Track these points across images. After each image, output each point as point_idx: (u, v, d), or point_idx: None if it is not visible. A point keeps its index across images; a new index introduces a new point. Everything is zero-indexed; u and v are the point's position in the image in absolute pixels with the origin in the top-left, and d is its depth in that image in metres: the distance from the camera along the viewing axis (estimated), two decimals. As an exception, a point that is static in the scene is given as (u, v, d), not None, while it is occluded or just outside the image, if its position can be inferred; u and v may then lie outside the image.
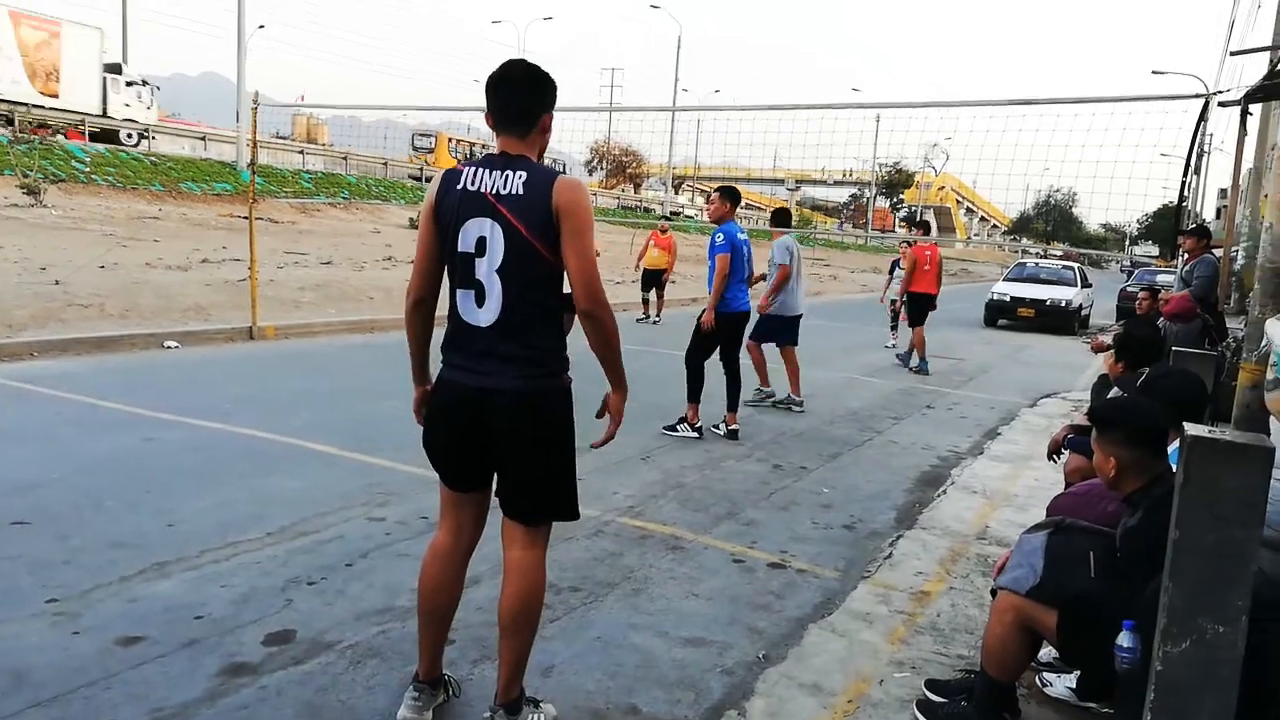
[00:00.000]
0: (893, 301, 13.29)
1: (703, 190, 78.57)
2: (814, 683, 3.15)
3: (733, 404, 6.81)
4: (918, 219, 14.59)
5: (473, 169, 2.55)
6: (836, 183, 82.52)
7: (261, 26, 42.34)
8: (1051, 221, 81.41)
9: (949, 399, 9.33)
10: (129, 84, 30.09)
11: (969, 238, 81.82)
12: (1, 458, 5.03)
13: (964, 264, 59.27)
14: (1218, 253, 8.61)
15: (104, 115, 28.82)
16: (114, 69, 29.76)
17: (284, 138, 45.03)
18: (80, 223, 18.52)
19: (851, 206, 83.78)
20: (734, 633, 3.50)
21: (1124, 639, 2.34)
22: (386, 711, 2.77)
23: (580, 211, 2.49)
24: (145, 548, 3.90)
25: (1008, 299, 18.99)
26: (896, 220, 68.38)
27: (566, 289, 2.55)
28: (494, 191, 2.49)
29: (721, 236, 6.63)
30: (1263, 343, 4.19)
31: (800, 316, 8.16)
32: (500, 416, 2.54)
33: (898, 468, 6.25)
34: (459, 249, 2.53)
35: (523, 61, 2.64)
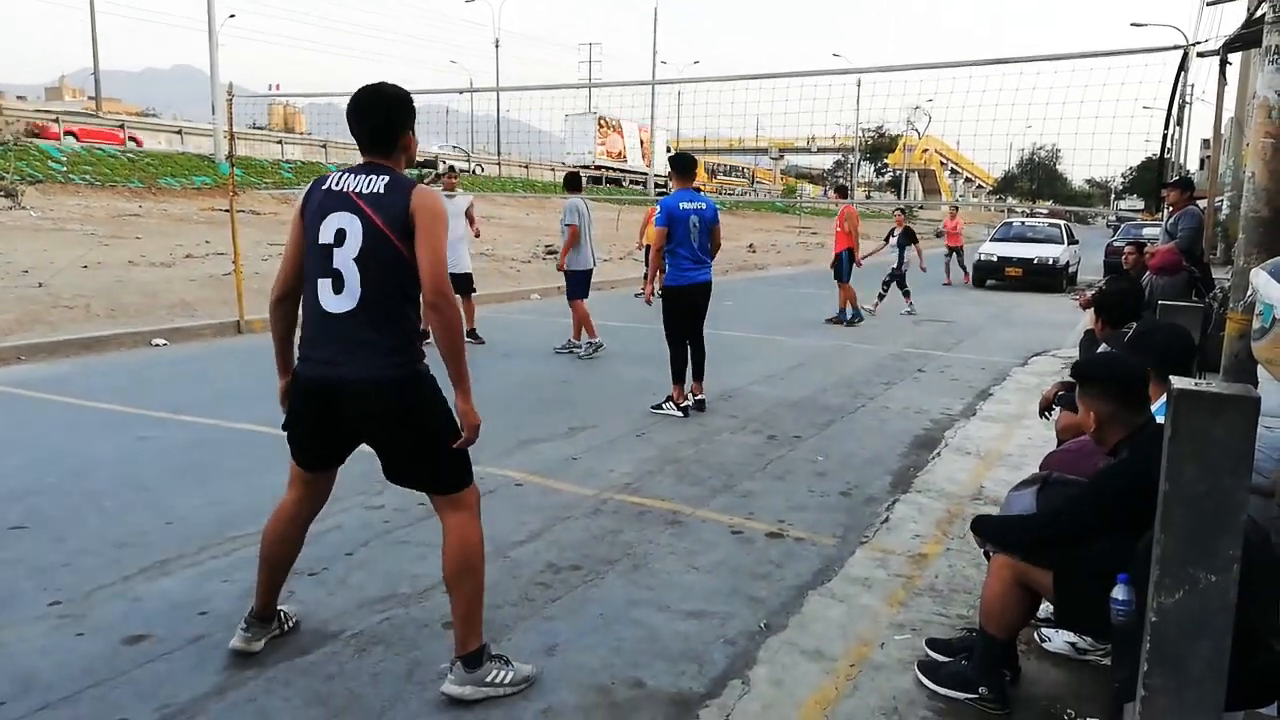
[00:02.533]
0: (893, 269, 13.60)
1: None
2: (816, 649, 3.18)
3: (698, 373, 6.83)
4: (839, 185, 16.54)
5: (339, 174, 2.76)
6: (821, 150, 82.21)
7: (232, 16, 41.66)
8: (1036, 180, 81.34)
9: (940, 362, 9.37)
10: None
11: (955, 199, 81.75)
12: (-5, 463, 5.01)
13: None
14: (1202, 204, 8.63)
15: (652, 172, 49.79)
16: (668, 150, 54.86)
17: (260, 128, 44.64)
18: (60, 223, 18.34)
19: (837, 173, 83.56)
20: (735, 603, 3.53)
21: (1118, 592, 2.37)
22: (394, 698, 2.80)
23: (435, 214, 2.67)
24: (145, 546, 3.91)
25: (995, 259, 18.99)
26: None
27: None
28: (356, 191, 2.69)
29: (658, 209, 6.65)
30: (1248, 292, 4.21)
31: (591, 270, 9.13)
32: (358, 406, 2.71)
33: (891, 432, 6.28)
34: (319, 240, 2.70)
35: (376, 87, 2.80)
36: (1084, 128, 7.98)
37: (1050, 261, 18.68)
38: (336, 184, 2.73)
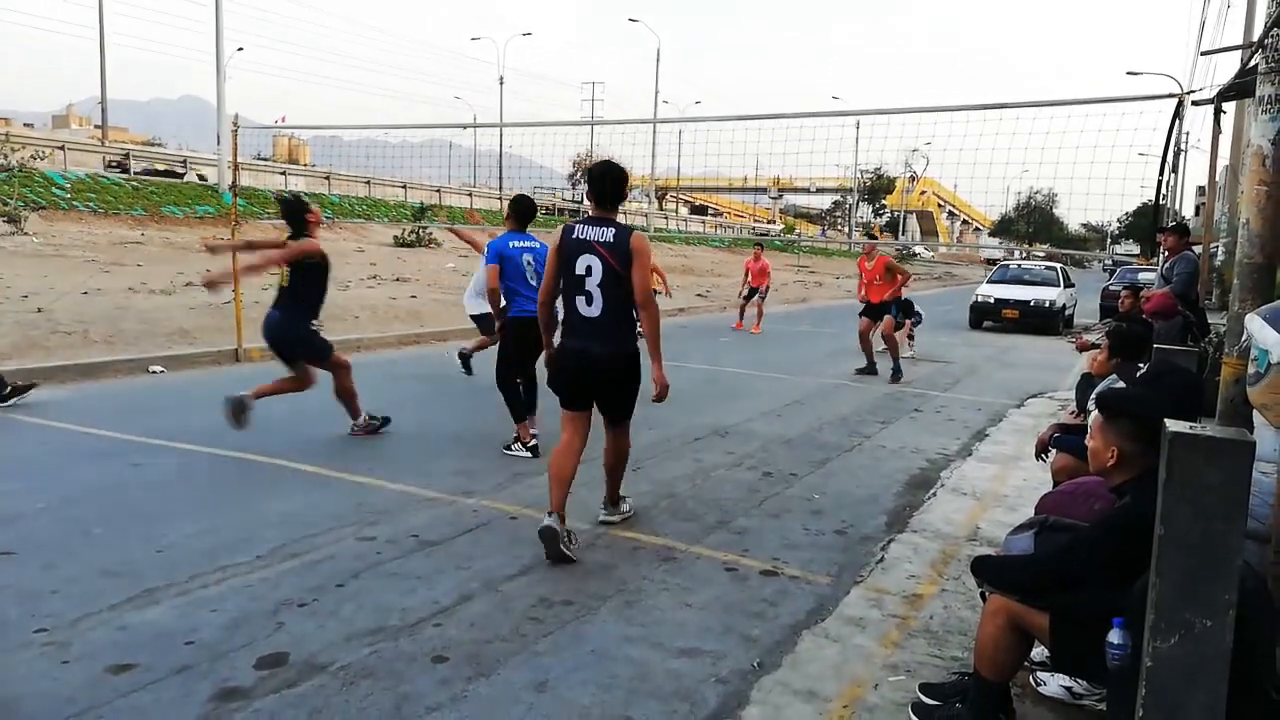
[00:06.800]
0: None
1: (685, 200, 78.78)
2: (809, 689, 3.15)
3: (530, 408, 6.35)
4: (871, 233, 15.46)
5: (581, 225, 4.36)
6: (819, 190, 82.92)
7: (240, 49, 42.28)
8: (1033, 223, 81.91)
9: (936, 402, 9.37)
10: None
11: (951, 241, 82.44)
12: (-13, 488, 4.98)
13: (947, 267, 59.58)
14: (1197, 249, 8.70)
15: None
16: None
17: (265, 159, 45.08)
18: (62, 249, 18.41)
19: (836, 213, 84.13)
20: (728, 642, 3.50)
21: (1114, 635, 2.36)
22: (381, 732, 2.76)
23: (644, 252, 4.31)
24: (134, 575, 3.87)
25: (992, 301, 19.09)
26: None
27: None
28: (596, 240, 4.29)
29: (489, 252, 6.28)
30: (1243, 337, 4.23)
31: None
32: (604, 368, 4.38)
33: (887, 472, 6.27)
34: (575, 272, 4.32)
35: (608, 165, 4.43)
36: (1080, 172, 8.02)
37: (1047, 304, 18.77)
38: (580, 234, 4.29)
